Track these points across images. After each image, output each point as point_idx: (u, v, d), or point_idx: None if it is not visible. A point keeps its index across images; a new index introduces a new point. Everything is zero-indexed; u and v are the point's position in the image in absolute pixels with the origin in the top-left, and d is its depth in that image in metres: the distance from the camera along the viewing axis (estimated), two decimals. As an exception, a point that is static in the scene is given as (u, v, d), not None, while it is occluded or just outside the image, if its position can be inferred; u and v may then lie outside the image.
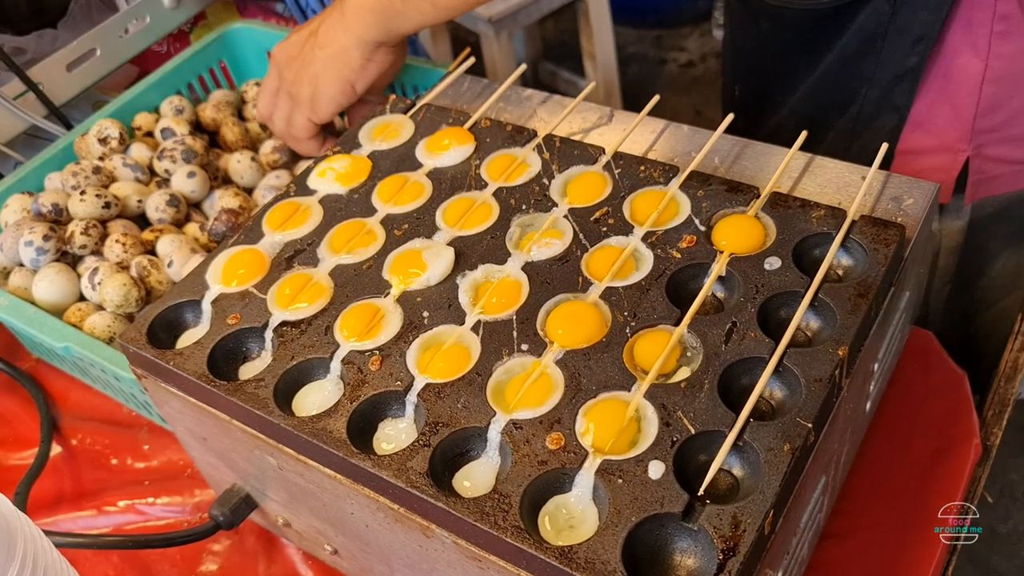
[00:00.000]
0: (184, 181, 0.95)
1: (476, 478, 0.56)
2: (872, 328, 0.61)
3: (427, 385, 0.59)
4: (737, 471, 0.54)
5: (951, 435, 0.79)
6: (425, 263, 0.66)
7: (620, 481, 0.52)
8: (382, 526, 0.60)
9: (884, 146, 0.70)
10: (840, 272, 0.64)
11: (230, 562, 0.80)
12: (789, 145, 0.72)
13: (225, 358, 0.65)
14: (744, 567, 0.48)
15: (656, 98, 0.79)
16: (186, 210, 0.94)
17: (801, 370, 0.56)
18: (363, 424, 0.59)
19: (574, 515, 0.53)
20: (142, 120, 1.04)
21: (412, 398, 0.59)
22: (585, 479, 0.53)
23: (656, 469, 0.52)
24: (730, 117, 0.75)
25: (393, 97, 0.85)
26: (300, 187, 0.77)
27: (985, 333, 1.06)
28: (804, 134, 0.72)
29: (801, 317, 0.58)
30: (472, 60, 0.87)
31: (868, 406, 0.72)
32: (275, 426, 0.59)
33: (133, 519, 0.84)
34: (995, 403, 0.84)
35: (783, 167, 0.69)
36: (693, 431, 0.54)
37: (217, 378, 0.62)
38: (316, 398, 0.61)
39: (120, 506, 0.85)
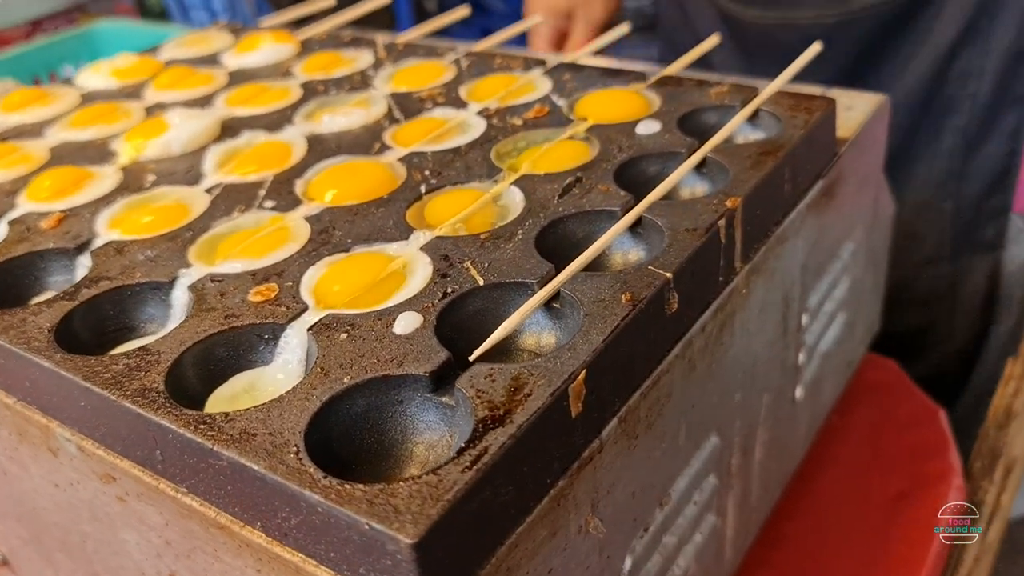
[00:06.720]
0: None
1: (135, 354, 0.34)
2: (791, 213, 0.42)
3: (110, 241, 0.39)
4: (548, 337, 0.33)
5: (922, 473, 0.56)
6: (167, 124, 0.47)
7: (343, 336, 0.31)
8: (12, 461, 0.38)
9: (816, 45, 0.52)
10: (746, 153, 0.44)
11: None
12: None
13: None
14: (514, 449, 0.26)
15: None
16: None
17: (668, 221, 0.36)
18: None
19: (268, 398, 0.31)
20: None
21: (85, 259, 0.39)
22: (293, 340, 0.32)
23: (406, 322, 0.31)
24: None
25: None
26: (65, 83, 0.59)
27: None
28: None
29: (683, 175, 0.39)
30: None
31: (799, 392, 0.50)
32: None
33: None
34: (982, 453, 0.62)
35: (692, 56, 0.52)
36: (482, 282, 0.33)
37: None
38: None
39: None
